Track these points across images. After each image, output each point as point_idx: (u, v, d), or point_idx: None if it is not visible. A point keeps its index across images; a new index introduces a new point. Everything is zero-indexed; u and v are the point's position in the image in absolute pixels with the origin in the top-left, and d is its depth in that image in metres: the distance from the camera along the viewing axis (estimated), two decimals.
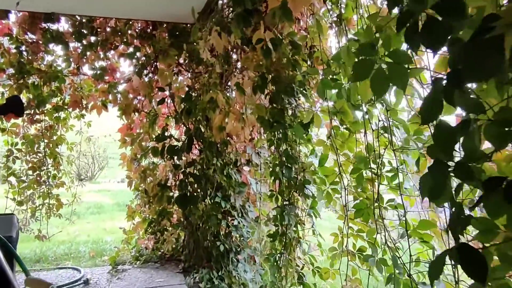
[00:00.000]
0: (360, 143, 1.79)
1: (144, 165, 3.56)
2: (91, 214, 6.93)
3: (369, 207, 1.63)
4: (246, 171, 3.06)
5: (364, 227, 1.79)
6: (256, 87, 2.33)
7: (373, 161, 1.60)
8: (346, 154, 1.84)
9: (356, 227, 1.83)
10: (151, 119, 3.30)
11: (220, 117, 2.90)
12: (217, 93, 2.85)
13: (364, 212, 1.65)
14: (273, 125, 2.26)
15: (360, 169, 1.67)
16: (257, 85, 2.33)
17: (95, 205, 7.51)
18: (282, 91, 2.19)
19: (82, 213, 6.76)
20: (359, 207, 1.67)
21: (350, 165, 1.83)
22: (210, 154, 2.98)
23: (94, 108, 3.58)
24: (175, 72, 3.38)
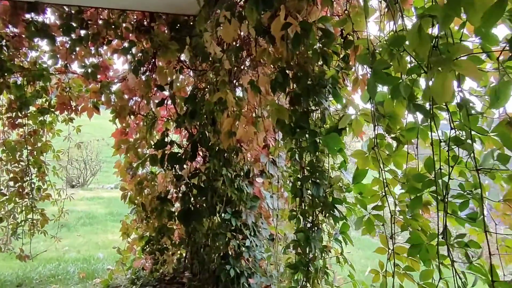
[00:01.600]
0: (412, 157, 1.46)
1: (141, 174, 3.23)
2: (83, 225, 6.58)
3: (430, 243, 1.31)
4: (260, 183, 2.73)
5: (416, 264, 1.46)
6: (274, 85, 2.01)
7: (433, 181, 1.28)
8: (393, 171, 1.52)
9: (403, 263, 1.50)
10: (148, 123, 2.98)
11: (229, 121, 2.58)
12: (226, 92, 2.54)
13: (422, 249, 1.32)
14: (295, 131, 1.94)
15: (417, 190, 1.34)
16: (276, 82, 2.01)
17: (86, 215, 7.16)
18: (309, 89, 1.87)
19: (73, 224, 6.42)
20: (416, 242, 1.34)
21: (398, 185, 1.51)
22: (217, 163, 2.66)
23: (84, 110, 3.26)
24: (176, 69, 3.06)
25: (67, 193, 8.61)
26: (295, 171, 1.99)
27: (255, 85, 2.31)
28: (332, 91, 1.83)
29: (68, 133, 3.54)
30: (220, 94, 2.56)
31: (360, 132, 1.65)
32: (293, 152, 1.94)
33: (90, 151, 12.78)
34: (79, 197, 9.49)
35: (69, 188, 12.12)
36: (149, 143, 3.03)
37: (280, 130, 1.96)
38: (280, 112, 1.98)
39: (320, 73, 1.86)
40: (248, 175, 2.71)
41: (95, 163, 13.10)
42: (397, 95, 1.31)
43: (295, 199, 1.97)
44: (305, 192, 1.89)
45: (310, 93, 1.88)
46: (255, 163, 2.70)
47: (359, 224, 1.54)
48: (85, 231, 6.24)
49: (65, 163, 12.26)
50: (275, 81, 2.02)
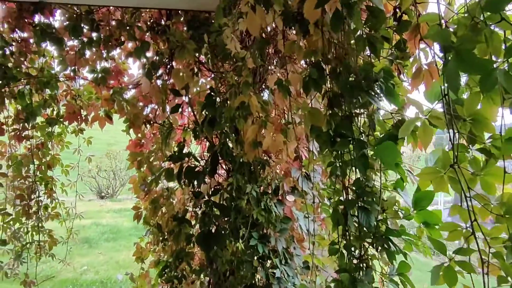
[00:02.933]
0: (510, 178, 1.04)
1: (157, 191, 2.91)
2: (106, 241, 6.39)
3: None
4: (291, 202, 2.34)
5: None
6: (308, 83, 1.63)
7: None
8: (482, 197, 1.09)
9: None
10: (164, 133, 2.66)
11: (254, 128, 2.22)
12: (250, 95, 2.18)
13: None
14: (335, 141, 1.54)
15: None
16: (310, 80, 1.63)
17: (111, 229, 6.99)
18: (352, 87, 1.48)
19: (96, 240, 6.24)
20: None
21: (489, 216, 1.08)
22: (241, 178, 2.30)
23: (96, 120, 2.99)
24: (194, 71, 2.73)
25: (98, 203, 8.48)
26: (337, 192, 1.59)
27: (283, 85, 1.93)
28: (384, 88, 1.42)
29: (78, 145, 3.29)
30: (242, 98, 2.21)
31: (429, 141, 1.24)
32: (334, 167, 1.54)
33: (120, 161, 12.77)
34: (106, 209, 9.41)
35: (99, 199, 12.18)
36: (165, 155, 2.71)
37: (316, 139, 1.58)
38: (315, 117, 1.60)
39: (366, 66, 1.46)
40: (277, 192, 2.33)
41: (124, 173, 13.07)
42: (490, 87, 0.89)
43: (336, 227, 1.57)
44: (350, 220, 1.48)
45: (354, 91, 1.49)
46: (285, 178, 2.32)
47: (435, 277, 1.12)
48: (107, 247, 6.04)
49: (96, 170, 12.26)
50: (308, 78, 1.64)
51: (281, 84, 1.94)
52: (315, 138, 1.58)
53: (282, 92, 1.95)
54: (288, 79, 1.93)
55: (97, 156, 12.60)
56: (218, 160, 2.56)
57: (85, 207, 9.61)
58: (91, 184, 11.89)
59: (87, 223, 7.46)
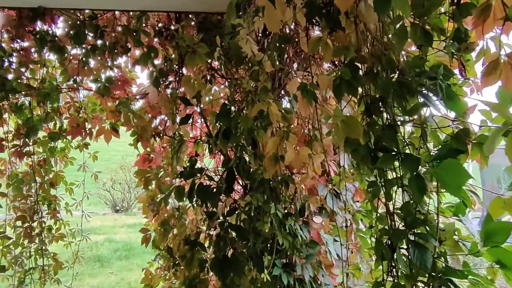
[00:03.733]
0: None
1: (167, 210, 2.66)
2: (118, 259, 6.16)
3: None
4: (318, 224, 2.05)
5: None
6: (339, 86, 1.36)
7: None
8: None
9: None
10: (174, 147, 2.42)
11: (274, 141, 1.95)
12: (269, 103, 1.92)
13: None
14: (376, 156, 1.26)
15: None
16: (342, 81, 1.35)
17: (124, 246, 6.77)
18: (398, 88, 1.20)
19: (108, 258, 6.02)
20: None
21: None
22: (261, 197, 2.02)
23: (101, 133, 2.76)
24: (207, 78, 2.49)
25: (113, 218, 8.29)
26: (380, 219, 1.30)
27: (308, 89, 1.66)
28: (443, 88, 1.14)
29: (83, 160, 3.07)
30: (260, 106, 1.95)
31: None
32: (376, 188, 1.26)
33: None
34: (120, 223, 9.23)
35: (113, 213, 12.03)
36: (175, 172, 2.47)
37: (352, 155, 1.29)
38: (350, 128, 1.31)
39: (417, 61, 1.18)
40: (303, 213, 2.04)
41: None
42: None
43: (381, 262, 1.27)
44: (398, 255, 1.19)
45: (401, 94, 1.21)
46: (311, 197, 2.03)
47: None
48: (119, 266, 5.80)
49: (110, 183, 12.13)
50: (340, 80, 1.36)
51: (305, 88, 1.67)
52: (351, 153, 1.30)
53: (306, 98, 1.68)
54: (314, 83, 1.66)
55: (113, 168, 12.52)
56: (234, 176, 2.30)
57: (100, 221, 9.46)
58: (106, 198, 11.76)
59: (100, 239, 7.27)
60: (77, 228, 3.14)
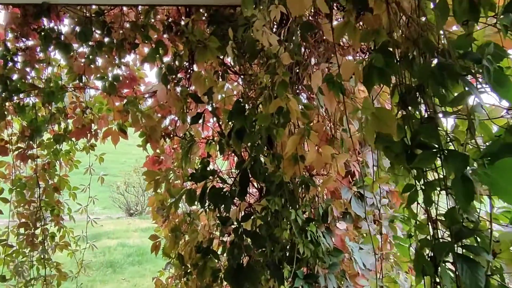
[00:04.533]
0: None
1: (179, 215, 2.52)
2: (131, 264, 6.04)
3: None
4: (342, 230, 1.88)
5: None
6: (371, 74, 1.19)
7: None
8: None
9: None
10: (184, 148, 2.28)
11: (294, 140, 1.80)
12: (288, 99, 1.77)
13: None
14: (413, 154, 1.09)
15: None
16: (373, 69, 1.19)
17: (137, 251, 6.66)
18: (439, 74, 1.03)
19: (121, 263, 5.90)
20: None
21: None
22: (278, 201, 1.86)
23: (108, 135, 2.64)
24: (218, 75, 2.34)
25: (126, 221, 8.16)
26: (420, 227, 1.13)
27: (335, 81, 1.50)
28: (491, 72, 0.96)
29: (90, 163, 2.94)
30: (278, 102, 1.79)
31: None
32: (414, 192, 1.09)
33: None
34: (134, 227, 9.16)
35: (127, 216, 11.99)
36: (185, 174, 2.32)
37: (385, 153, 1.13)
38: (382, 121, 1.14)
39: (463, 40, 1.01)
40: (325, 218, 1.87)
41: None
42: None
43: (421, 278, 1.10)
44: (443, 271, 1.02)
45: (443, 81, 1.04)
46: (334, 201, 1.86)
47: None
48: (132, 272, 5.68)
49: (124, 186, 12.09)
50: (370, 68, 1.20)
51: (332, 80, 1.51)
52: (383, 151, 1.13)
53: (333, 90, 1.52)
54: (341, 73, 1.50)
55: (127, 171, 12.49)
56: (248, 179, 2.14)
57: (113, 225, 9.40)
58: (120, 201, 11.74)
59: (113, 244, 7.18)
60: (83, 235, 3.01)
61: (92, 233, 8.35)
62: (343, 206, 1.84)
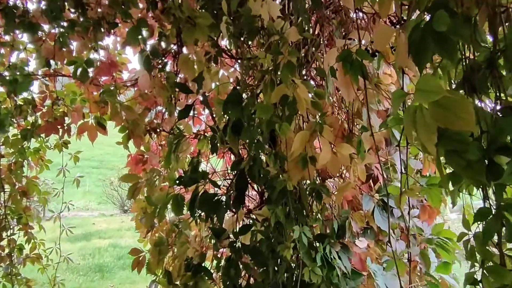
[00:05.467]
0: None
1: (166, 223, 2.18)
2: (121, 268, 5.69)
3: None
4: (363, 248, 1.54)
5: None
6: (423, 45, 0.83)
7: None
8: None
9: None
10: (170, 145, 1.93)
11: (303, 136, 1.45)
12: (294, 85, 1.42)
13: None
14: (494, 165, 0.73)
15: None
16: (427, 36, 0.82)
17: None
18: None
19: (111, 267, 5.55)
20: None
21: None
22: (282, 212, 1.52)
23: (84, 130, 2.29)
24: (211, 57, 1.98)
25: (120, 219, 7.75)
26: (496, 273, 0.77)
27: (353, 59, 1.14)
28: None
29: (63, 164, 2.58)
30: (283, 89, 1.44)
31: None
32: (495, 220, 0.73)
33: None
34: (127, 225, 8.82)
35: (121, 213, 11.66)
36: (172, 177, 1.97)
37: (450, 160, 0.76)
38: (451, 112, 0.77)
39: None
40: (342, 234, 1.52)
41: None
42: None
43: None
44: None
45: None
46: (353, 213, 1.51)
47: None
48: (122, 278, 5.33)
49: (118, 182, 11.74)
50: (423, 32, 0.83)
51: (349, 58, 1.15)
52: (446, 157, 0.77)
53: (350, 72, 1.16)
54: (362, 49, 1.14)
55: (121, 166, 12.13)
56: (246, 182, 1.80)
57: (106, 223, 9.05)
58: (114, 197, 11.40)
59: (104, 244, 6.82)
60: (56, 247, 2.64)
61: (83, 232, 8.07)
62: (364, 219, 1.48)
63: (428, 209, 1.51)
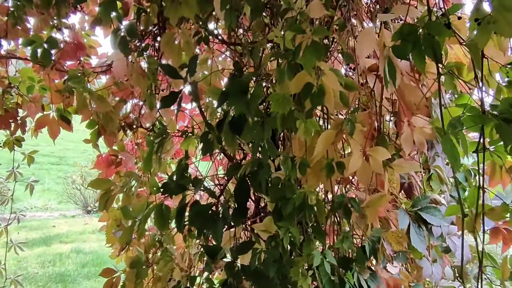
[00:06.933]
0: None
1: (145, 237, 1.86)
2: (86, 278, 5.24)
3: None
4: (395, 274, 1.28)
5: None
6: None
7: None
8: None
9: None
10: (150, 145, 1.62)
11: (327, 137, 1.18)
12: (321, 72, 1.15)
13: None
14: None
15: None
16: None
17: (94, 259, 5.79)
18: None
19: (74, 276, 5.08)
20: None
21: None
22: (296, 232, 1.24)
23: (43, 124, 1.93)
24: (201, 38, 1.66)
25: (83, 221, 7.22)
26: None
27: (424, 36, 0.88)
28: None
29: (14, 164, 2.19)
30: (304, 77, 1.17)
31: None
32: None
33: None
34: (91, 228, 8.32)
35: (84, 214, 11.06)
36: (154, 184, 1.66)
37: None
38: None
39: None
40: (374, 257, 1.26)
41: None
42: None
43: None
44: None
45: None
46: (387, 232, 1.25)
47: None
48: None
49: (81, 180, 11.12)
50: None
51: (414, 35, 0.88)
52: None
53: (414, 54, 0.90)
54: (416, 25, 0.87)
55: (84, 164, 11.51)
56: (248, 192, 1.51)
57: (67, 226, 8.48)
58: (76, 197, 10.79)
59: (66, 249, 6.29)
60: None
61: (42, 236, 7.49)
62: (400, 240, 1.23)
63: (504, 232, 1.24)
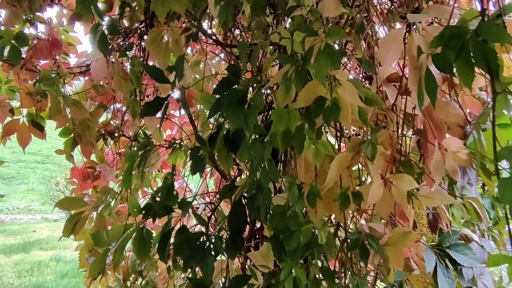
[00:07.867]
0: None
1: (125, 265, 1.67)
2: None
3: None
4: None
5: None
6: None
7: None
8: None
9: None
10: (131, 158, 1.42)
11: (342, 161, 0.98)
12: (336, 83, 0.96)
13: None
14: None
15: None
16: None
17: (74, 269, 5.47)
18: None
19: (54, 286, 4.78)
20: None
21: None
22: (303, 275, 1.05)
23: (12, 131, 1.72)
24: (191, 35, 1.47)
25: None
26: None
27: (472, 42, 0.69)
28: None
29: None
30: (316, 88, 0.99)
31: None
32: None
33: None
34: None
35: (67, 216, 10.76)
36: (135, 205, 1.46)
37: None
38: None
39: None
40: None
41: None
42: None
43: None
44: None
45: None
46: (412, 276, 1.06)
47: None
48: None
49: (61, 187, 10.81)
50: None
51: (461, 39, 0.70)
52: None
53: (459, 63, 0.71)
54: None
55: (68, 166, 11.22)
56: (245, 218, 1.32)
57: (48, 231, 8.17)
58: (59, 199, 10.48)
59: (46, 257, 5.99)
60: None
61: (21, 242, 7.19)
62: (428, 286, 1.04)
63: None
